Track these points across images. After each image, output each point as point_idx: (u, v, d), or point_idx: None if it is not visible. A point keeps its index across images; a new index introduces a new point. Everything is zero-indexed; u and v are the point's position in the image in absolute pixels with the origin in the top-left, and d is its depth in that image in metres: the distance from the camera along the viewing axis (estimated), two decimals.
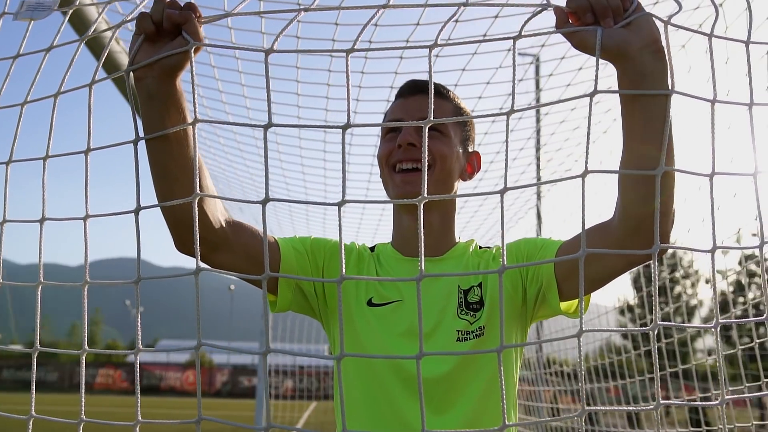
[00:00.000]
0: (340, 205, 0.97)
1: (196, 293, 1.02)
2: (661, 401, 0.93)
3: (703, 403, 1.00)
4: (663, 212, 1.04)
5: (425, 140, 0.97)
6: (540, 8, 0.97)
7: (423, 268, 0.94)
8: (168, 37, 1.06)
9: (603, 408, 0.90)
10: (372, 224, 6.69)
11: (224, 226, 1.26)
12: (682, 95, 0.95)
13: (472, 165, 1.50)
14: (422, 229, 0.94)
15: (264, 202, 0.99)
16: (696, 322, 18.75)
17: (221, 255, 1.27)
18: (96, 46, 2.68)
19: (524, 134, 5.02)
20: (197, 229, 1.01)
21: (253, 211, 6.67)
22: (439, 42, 0.96)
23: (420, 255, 0.94)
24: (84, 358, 1.03)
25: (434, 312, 1.38)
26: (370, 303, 1.41)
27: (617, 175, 1.10)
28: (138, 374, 1.06)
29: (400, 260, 1.46)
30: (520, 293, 1.39)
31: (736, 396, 1.00)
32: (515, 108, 0.94)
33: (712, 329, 0.98)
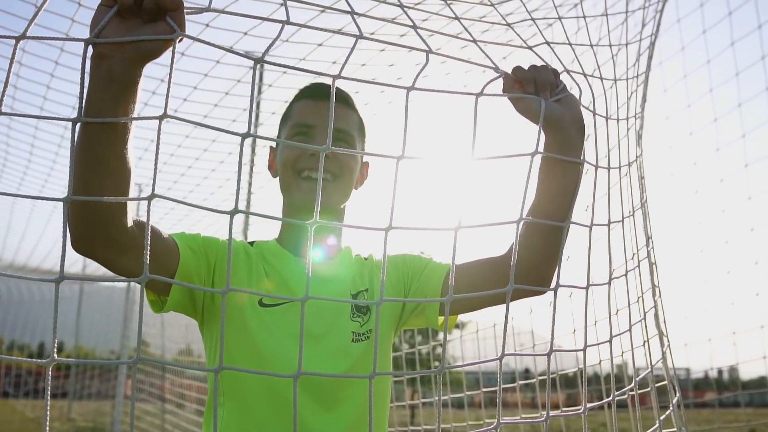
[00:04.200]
0: (312, 224, 0.98)
1: (140, 308, 0.94)
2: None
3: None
4: (555, 258, 1.26)
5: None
6: (497, 76, 1.12)
7: (384, 280, 1.00)
8: (142, 17, 0.95)
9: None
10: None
11: (133, 225, 1.14)
12: (590, 164, 1.18)
13: (363, 175, 1.56)
14: (388, 248, 1.00)
15: (232, 213, 0.96)
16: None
17: (128, 258, 1.15)
18: None
19: None
20: (149, 234, 0.93)
21: None
22: (416, 86, 1.04)
23: (383, 265, 1.00)
24: None
25: (329, 314, 1.40)
26: (261, 303, 1.38)
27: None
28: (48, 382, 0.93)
29: (290, 260, 1.45)
30: (400, 305, 1.49)
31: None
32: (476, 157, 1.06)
33: None
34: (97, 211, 1.06)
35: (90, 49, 0.92)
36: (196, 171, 5.42)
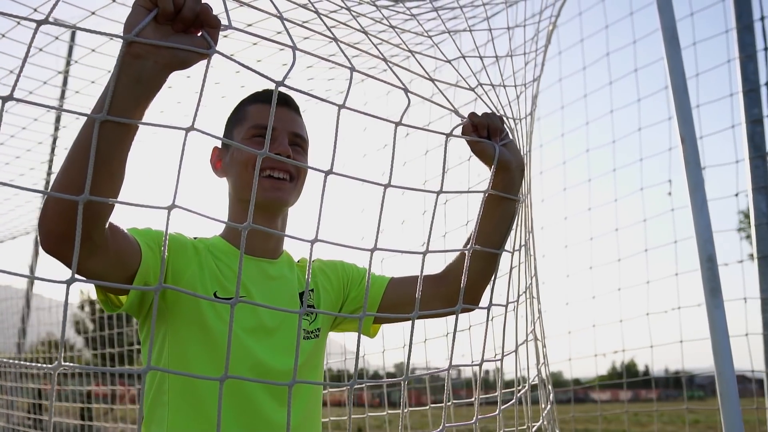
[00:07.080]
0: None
1: (152, 317, 0.96)
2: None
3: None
4: (487, 281, 1.45)
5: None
6: (462, 122, 1.30)
7: (368, 294, 1.12)
8: (174, 26, 0.97)
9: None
10: None
11: (108, 228, 1.12)
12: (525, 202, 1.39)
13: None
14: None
15: (245, 228, 1.02)
16: None
17: (94, 261, 1.12)
18: None
19: None
20: (166, 245, 0.96)
21: None
22: (402, 122, 1.17)
23: (368, 271, 1.12)
24: None
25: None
26: (216, 296, 1.39)
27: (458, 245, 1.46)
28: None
29: (238, 257, 1.47)
30: (338, 307, 1.60)
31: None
32: (444, 189, 1.22)
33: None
34: (86, 211, 0.99)
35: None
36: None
